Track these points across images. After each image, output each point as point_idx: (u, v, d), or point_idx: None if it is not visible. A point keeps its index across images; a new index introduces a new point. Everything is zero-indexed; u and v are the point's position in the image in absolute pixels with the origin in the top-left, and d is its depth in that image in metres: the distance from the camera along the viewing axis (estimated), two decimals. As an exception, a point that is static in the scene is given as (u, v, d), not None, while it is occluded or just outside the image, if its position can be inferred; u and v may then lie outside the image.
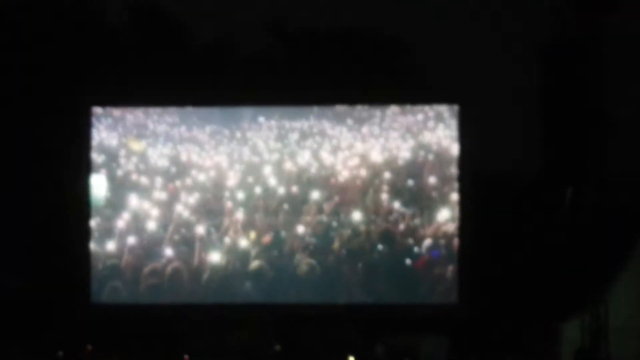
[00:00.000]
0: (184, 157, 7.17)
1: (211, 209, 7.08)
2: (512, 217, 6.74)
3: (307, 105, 7.05)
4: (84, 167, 6.91)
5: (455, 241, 6.86)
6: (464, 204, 6.76)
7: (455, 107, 6.83)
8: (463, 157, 6.78)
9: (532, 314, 6.72)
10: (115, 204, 7.01)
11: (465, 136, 6.79)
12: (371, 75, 6.82)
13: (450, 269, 6.86)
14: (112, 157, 7.06)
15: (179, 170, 7.15)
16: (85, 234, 6.84)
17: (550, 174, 6.51)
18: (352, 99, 6.96)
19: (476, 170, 6.73)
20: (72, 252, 6.82)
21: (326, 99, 6.95)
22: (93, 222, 6.92)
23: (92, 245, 6.91)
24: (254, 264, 6.90)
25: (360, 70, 6.88)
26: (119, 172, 7.10)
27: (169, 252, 6.92)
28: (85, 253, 6.84)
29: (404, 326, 6.79)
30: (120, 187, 7.05)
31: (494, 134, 6.72)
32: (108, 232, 6.96)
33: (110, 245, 6.92)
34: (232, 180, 7.12)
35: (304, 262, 6.90)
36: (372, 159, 7.10)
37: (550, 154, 6.48)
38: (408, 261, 6.88)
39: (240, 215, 6.98)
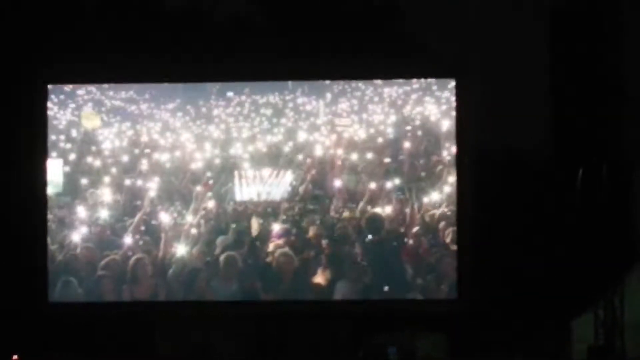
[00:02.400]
0: (144, 137, 6.43)
1: (175, 194, 6.33)
2: (517, 202, 6.15)
3: (283, 80, 6.34)
4: (40, 153, 6.25)
5: (447, 227, 6.20)
6: (461, 187, 6.11)
7: (451, 82, 6.13)
8: (460, 134, 6.12)
9: (542, 310, 6.15)
10: (69, 190, 6.29)
11: (462, 112, 6.12)
12: (355, 44, 5.98)
13: (446, 260, 6.21)
14: (64, 137, 6.36)
15: (140, 151, 6.42)
16: (42, 227, 6.20)
17: (559, 154, 5.93)
18: (333, 74, 6.28)
19: (475, 150, 6.11)
20: (28, 247, 6.21)
21: (307, 73, 6.25)
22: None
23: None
24: (224, 255, 6.22)
25: (341, 39, 6.03)
26: (72, 155, 6.35)
27: (129, 242, 6.25)
28: (43, 248, 6.22)
29: (399, 323, 6.14)
30: (74, 171, 6.33)
31: (495, 109, 6.13)
32: (61, 222, 6.27)
33: (65, 236, 6.26)
34: (198, 162, 6.39)
35: (278, 252, 6.13)
36: (352, 136, 6.39)
37: (560, 131, 5.91)
38: (396, 249, 6.22)
39: (209, 201, 6.28)
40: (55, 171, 6.28)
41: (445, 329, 6.15)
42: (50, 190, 6.25)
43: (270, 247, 6.26)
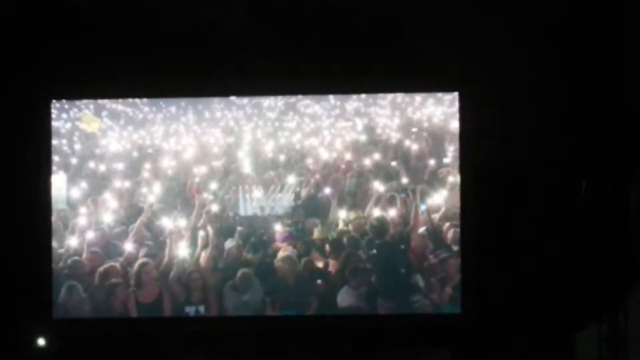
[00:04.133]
0: (145, 141, 6.39)
1: (178, 199, 6.27)
2: (521, 214, 6.03)
3: (287, 94, 6.31)
4: (45, 167, 6.18)
5: (450, 228, 6.16)
6: (465, 202, 6.08)
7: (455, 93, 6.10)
8: (464, 147, 6.09)
9: (545, 324, 6.05)
10: (71, 196, 6.24)
11: (466, 124, 6.09)
12: (357, 58, 5.93)
13: (450, 261, 6.17)
14: (65, 142, 6.30)
15: (142, 155, 6.39)
16: (47, 240, 6.14)
17: (564, 166, 5.96)
18: (335, 88, 6.25)
19: (480, 164, 6.05)
20: (32, 255, 6.13)
21: (310, 87, 6.23)
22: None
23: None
24: (240, 272, 6.20)
25: (343, 52, 5.95)
26: (73, 160, 6.30)
27: (130, 248, 6.20)
28: (47, 259, 6.16)
29: (401, 337, 6.07)
30: (75, 176, 6.27)
31: (499, 120, 6.03)
32: (65, 228, 6.25)
33: (69, 243, 6.21)
34: (202, 166, 6.36)
35: (281, 256, 6.16)
36: (357, 138, 6.35)
37: (564, 143, 5.95)
38: (401, 252, 6.17)
39: (212, 205, 6.25)
40: (59, 186, 6.22)
41: (448, 344, 6.08)
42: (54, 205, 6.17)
43: (274, 250, 6.20)
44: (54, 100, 6.25)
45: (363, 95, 6.32)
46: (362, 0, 6.10)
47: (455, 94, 6.12)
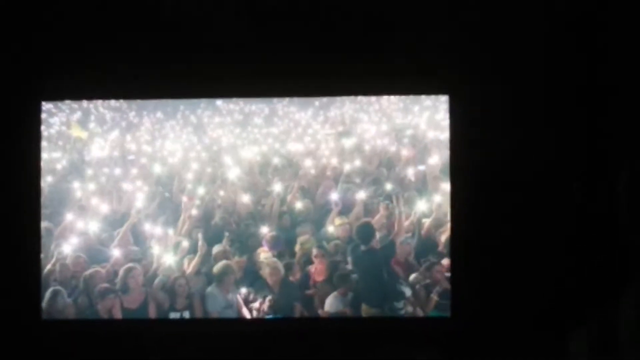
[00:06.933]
0: (132, 146, 6.40)
1: (165, 203, 6.29)
2: (511, 215, 5.97)
3: (275, 97, 6.32)
4: (35, 170, 6.11)
5: (438, 235, 6.17)
6: (455, 202, 6.03)
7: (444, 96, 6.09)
8: (454, 150, 6.03)
9: (535, 327, 6.00)
10: (57, 200, 6.22)
11: (456, 126, 6.04)
12: (347, 60, 5.91)
13: (436, 268, 6.16)
14: (52, 146, 6.29)
15: (127, 160, 6.42)
16: (36, 244, 6.11)
17: (555, 169, 5.93)
18: (324, 90, 6.20)
19: (469, 164, 6.00)
20: (21, 261, 6.10)
21: (299, 90, 6.16)
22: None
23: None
24: (220, 264, 6.12)
25: (332, 55, 5.94)
26: (59, 165, 6.29)
27: (117, 253, 6.16)
28: (36, 263, 6.11)
29: (389, 341, 6.03)
30: (61, 181, 6.27)
31: (489, 124, 5.99)
32: (49, 232, 6.20)
33: (54, 246, 6.18)
34: (187, 171, 6.39)
35: (267, 261, 6.13)
36: (342, 145, 6.40)
37: (556, 147, 5.92)
38: (386, 258, 6.16)
39: (195, 211, 6.23)
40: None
41: (437, 347, 6.07)
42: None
43: (260, 256, 6.18)
44: (43, 102, 6.21)
45: (349, 102, 6.32)
46: (352, 2, 6.03)
47: (445, 98, 6.10)
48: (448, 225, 6.07)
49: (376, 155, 6.36)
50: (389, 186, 6.27)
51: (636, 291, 5.87)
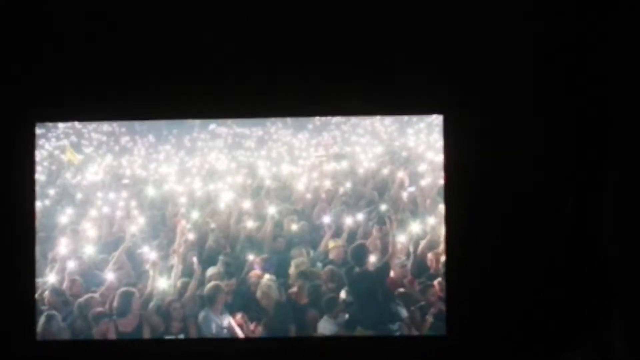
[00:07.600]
0: (126, 170, 6.40)
1: (158, 228, 6.28)
2: (506, 232, 6.02)
3: (267, 117, 6.32)
4: (29, 191, 6.09)
5: (432, 258, 6.16)
6: (450, 220, 6.07)
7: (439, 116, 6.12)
8: (449, 169, 6.08)
9: (529, 343, 6.01)
10: (50, 224, 6.19)
11: (450, 146, 6.08)
12: (341, 80, 5.95)
13: (431, 290, 6.16)
14: (45, 170, 6.29)
15: (120, 184, 6.41)
16: (30, 264, 6.07)
17: (550, 187, 5.97)
18: (318, 110, 6.25)
19: (464, 182, 6.04)
20: (16, 286, 6.07)
21: (292, 109, 6.20)
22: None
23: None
24: (209, 285, 6.11)
25: (326, 75, 5.97)
26: (51, 190, 6.28)
27: (111, 277, 6.13)
28: (31, 285, 6.08)
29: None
30: (54, 204, 6.25)
31: (484, 144, 6.04)
32: (44, 257, 6.17)
33: (50, 273, 6.14)
34: (181, 195, 6.38)
35: (260, 283, 6.12)
36: (335, 167, 6.41)
37: (551, 165, 5.97)
38: (381, 280, 6.15)
39: (191, 235, 6.21)
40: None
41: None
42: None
43: (252, 277, 6.18)
44: (37, 124, 6.20)
45: (342, 124, 6.35)
46: (345, 22, 6.08)
47: (439, 120, 6.13)
48: (442, 247, 6.11)
49: (370, 178, 6.36)
50: (383, 207, 6.27)
51: (621, 303, 5.96)
